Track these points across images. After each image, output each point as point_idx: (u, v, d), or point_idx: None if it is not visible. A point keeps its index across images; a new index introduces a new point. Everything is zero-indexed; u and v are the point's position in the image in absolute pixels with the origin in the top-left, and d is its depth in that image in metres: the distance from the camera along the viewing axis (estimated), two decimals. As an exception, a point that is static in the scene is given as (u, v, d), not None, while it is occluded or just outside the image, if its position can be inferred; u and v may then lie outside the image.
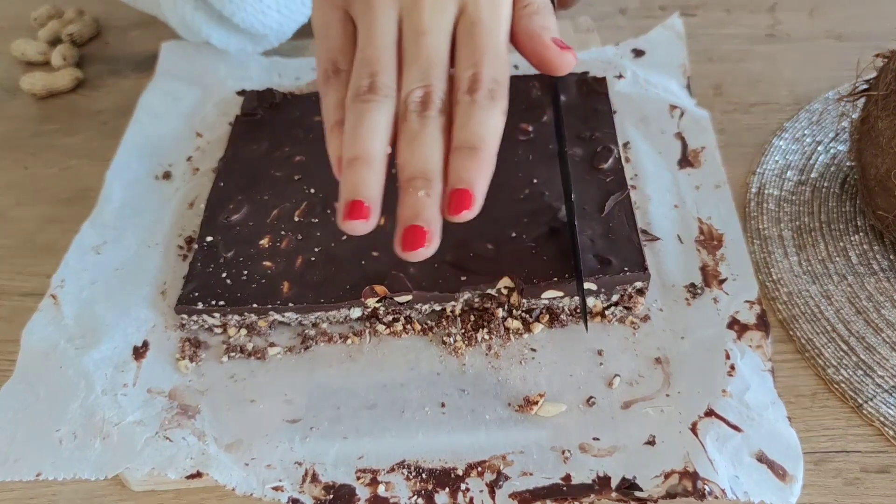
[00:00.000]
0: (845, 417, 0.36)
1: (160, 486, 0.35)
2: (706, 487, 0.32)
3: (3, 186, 0.51)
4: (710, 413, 0.35)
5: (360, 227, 0.29)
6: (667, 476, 0.33)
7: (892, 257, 0.41)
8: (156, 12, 0.51)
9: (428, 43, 0.30)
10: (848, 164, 0.46)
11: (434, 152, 0.30)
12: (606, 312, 0.39)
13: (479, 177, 0.29)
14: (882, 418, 0.35)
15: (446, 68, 0.31)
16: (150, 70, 0.57)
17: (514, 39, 0.33)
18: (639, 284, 0.39)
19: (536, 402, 0.36)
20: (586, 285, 0.38)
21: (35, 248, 0.47)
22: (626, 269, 0.38)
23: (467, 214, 0.29)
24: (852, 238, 0.43)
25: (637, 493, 0.33)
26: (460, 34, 0.31)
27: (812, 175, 0.46)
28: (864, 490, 0.33)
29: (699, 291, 0.40)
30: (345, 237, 0.41)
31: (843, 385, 0.37)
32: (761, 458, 0.33)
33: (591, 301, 0.39)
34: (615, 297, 0.39)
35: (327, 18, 0.33)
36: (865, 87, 0.41)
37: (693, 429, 0.35)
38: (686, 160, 0.47)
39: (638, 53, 0.54)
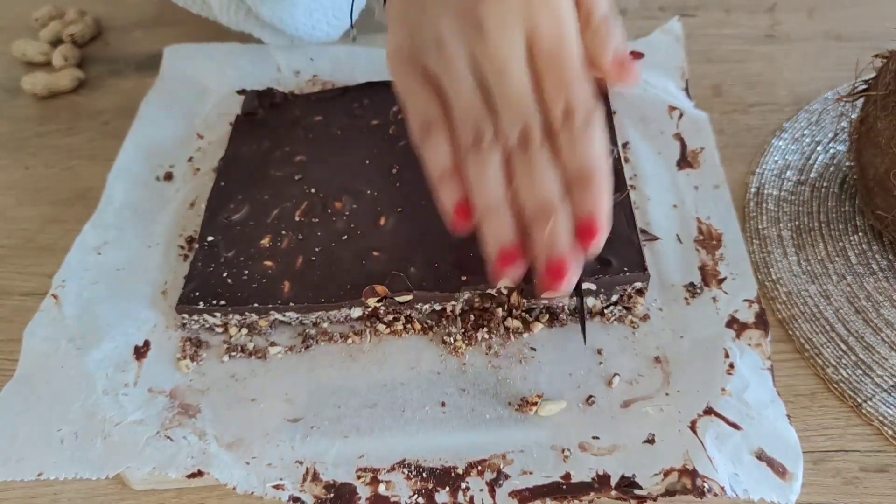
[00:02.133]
0: (844, 417, 0.36)
1: (161, 485, 0.35)
2: (706, 485, 0.32)
3: (3, 186, 0.51)
4: (709, 411, 0.35)
5: (515, 271, 0.31)
6: (666, 474, 0.33)
7: (890, 257, 0.41)
8: (206, 13, 0.56)
9: (510, 82, 0.31)
10: (847, 164, 0.46)
11: (548, 183, 0.31)
12: (606, 311, 0.39)
13: (600, 202, 0.30)
14: (881, 417, 0.35)
15: (533, 98, 0.31)
16: (152, 70, 0.57)
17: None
18: (638, 285, 0.39)
19: (535, 404, 0.36)
20: (585, 285, 0.38)
21: (36, 248, 0.47)
22: (625, 269, 0.38)
23: (597, 242, 0.30)
24: (851, 238, 0.43)
25: (637, 491, 0.33)
26: (540, 65, 0.31)
27: (811, 175, 0.46)
28: (863, 489, 0.33)
29: (698, 291, 0.40)
30: (346, 237, 0.41)
31: (842, 384, 0.37)
32: (761, 456, 0.33)
33: (590, 301, 0.39)
34: (615, 298, 0.39)
35: (408, 82, 0.34)
36: (864, 87, 0.41)
37: (692, 427, 0.35)
38: (685, 160, 0.47)
39: (636, 55, 0.55)
